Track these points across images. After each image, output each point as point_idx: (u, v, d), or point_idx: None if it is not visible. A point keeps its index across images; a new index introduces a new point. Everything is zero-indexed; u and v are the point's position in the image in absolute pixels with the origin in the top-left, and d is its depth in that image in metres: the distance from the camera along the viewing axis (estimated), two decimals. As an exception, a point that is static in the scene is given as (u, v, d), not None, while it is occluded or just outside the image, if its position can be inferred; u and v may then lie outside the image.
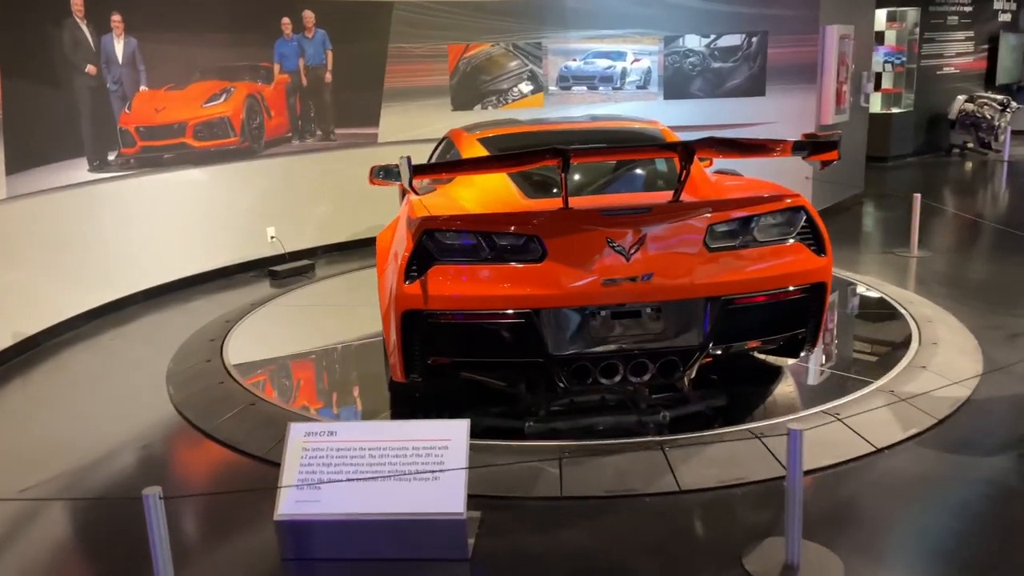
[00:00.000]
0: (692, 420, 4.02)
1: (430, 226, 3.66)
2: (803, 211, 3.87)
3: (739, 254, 3.76)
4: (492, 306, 3.59)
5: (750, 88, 8.92)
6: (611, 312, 3.64)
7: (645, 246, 3.62)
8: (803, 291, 3.85)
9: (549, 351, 3.65)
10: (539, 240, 3.62)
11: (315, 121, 8.13)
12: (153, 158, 6.83)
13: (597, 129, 5.06)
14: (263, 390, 4.63)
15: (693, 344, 3.74)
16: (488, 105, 8.89)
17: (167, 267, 6.96)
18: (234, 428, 4.18)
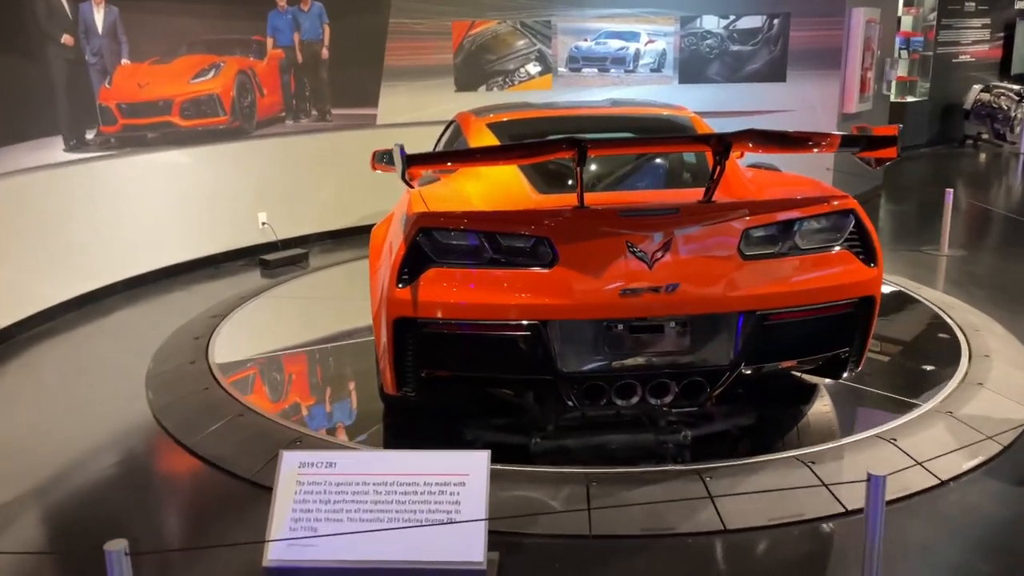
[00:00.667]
0: (717, 441, 3.64)
1: (427, 224, 3.23)
2: (852, 215, 3.42)
3: (778, 263, 3.32)
4: (495, 316, 3.19)
5: (770, 73, 8.47)
6: (630, 326, 3.23)
7: (671, 252, 3.20)
8: (849, 306, 3.41)
9: (558, 368, 3.24)
10: (549, 243, 3.20)
11: (310, 100, 7.64)
12: (135, 137, 6.34)
13: (619, 116, 4.61)
14: (252, 398, 4.19)
15: (722, 363, 3.32)
16: (493, 86, 8.42)
17: (150, 255, 6.50)
18: (219, 443, 3.74)
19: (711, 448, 3.57)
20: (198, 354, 4.80)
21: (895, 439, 3.55)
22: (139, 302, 6.13)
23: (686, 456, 3.50)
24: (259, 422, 3.91)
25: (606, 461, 3.46)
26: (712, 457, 3.46)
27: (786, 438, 3.67)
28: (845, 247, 3.42)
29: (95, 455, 3.78)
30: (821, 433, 3.70)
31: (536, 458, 3.49)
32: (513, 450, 3.53)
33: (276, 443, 3.64)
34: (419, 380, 3.40)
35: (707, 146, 3.26)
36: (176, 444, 3.83)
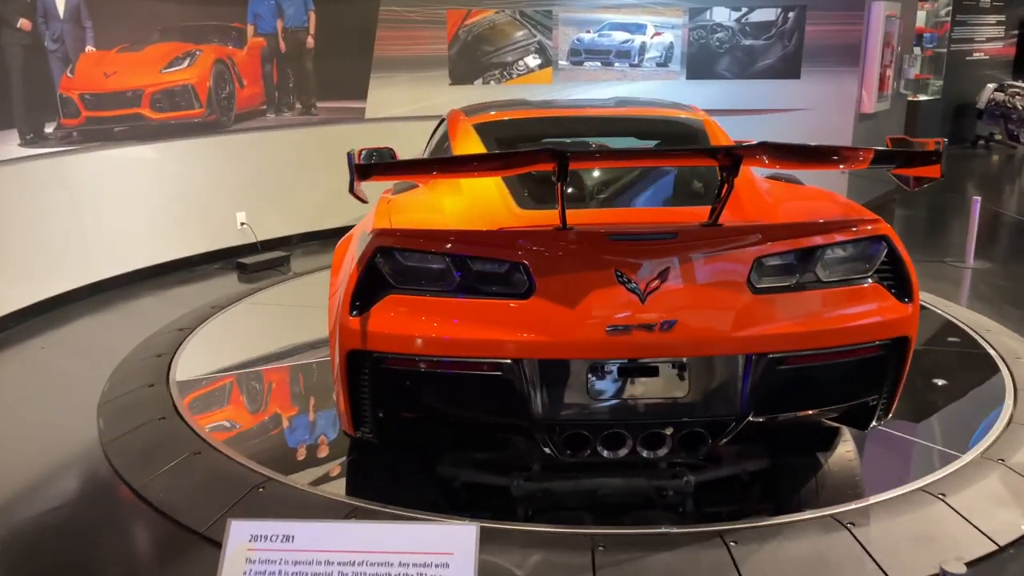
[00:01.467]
0: (728, 490, 3.21)
1: (386, 243, 2.81)
2: (885, 242, 2.93)
3: (795, 298, 2.83)
4: (461, 352, 2.75)
5: (784, 69, 8.00)
6: (619, 368, 2.78)
7: (667, 284, 2.72)
8: (880, 348, 2.91)
9: (533, 413, 2.78)
10: (525, 269, 2.74)
11: (294, 92, 7.16)
12: (101, 131, 5.85)
13: (622, 118, 4.13)
14: (213, 431, 3.72)
15: (727, 413, 2.85)
16: (490, 80, 7.94)
17: (116, 258, 6.02)
18: (171, 487, 3.28)
19: (722, 498, 3.16)
20: (159, 375, 4.33)
21: (944, 494, 3.09)
22: (102, 311, 5.65)
23: (688, 505, 3.09)
24: (219, 462, 3.44)
25: (608, 515, 3.04)
26: (727, 509, 3.07)
27: (811, 490, 3.21)
28: (875, 279, 2.92)
29: (29, 498, 3.31)
30: (851, 485, 3.24)
31: (524, 506, 3.08)
32: (492, 493, 3.12)
33: (236, 489, 3.20)
34: (377, 421, 2.96)
35: (714, 160, 2.77)
36: (124, 485, 3.36)
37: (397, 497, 3.08)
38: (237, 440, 3.66)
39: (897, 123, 9.29)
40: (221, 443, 3.59)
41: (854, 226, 2.90)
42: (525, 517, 3.01)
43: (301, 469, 3.39)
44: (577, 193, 3.45)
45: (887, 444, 3.58)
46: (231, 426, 3.85)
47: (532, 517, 3.01)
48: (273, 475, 3.31)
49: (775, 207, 3.13)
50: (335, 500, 3.12)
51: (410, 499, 3.06)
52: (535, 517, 3.02)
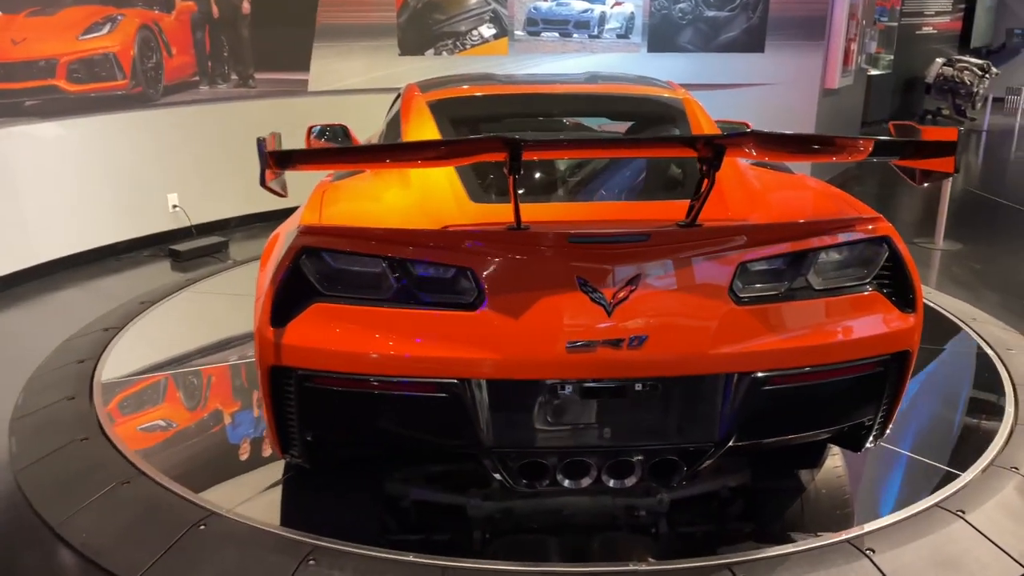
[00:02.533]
0: (702, 505, 2.94)
1: (312, 243, 2.40)
2: (886, 243, 2.55)
3: (785, 309, 2.46)
4: (398, 371, 2.38)
5: (747, 43, 7.72)
6: (582, 388, 2.41)
7: (638, 294, 2.34)
8: (879, 364, 2.55)
9: (483, 440, 2.41)
10: (473, 276, 2.36)
11: (229, 62, 6.57)
12: (9, 105, 5.24)
13: (597, 95, 3.71)
14: (145, 453, 3.26)
15: (705, 440, 2.50)
16: (443, 50, 7.46)
17: (31, 247, 5.43)
18: (95, 525, 2.83)
19: (700, 518, 2.88)
20: (80, 385, 3.82)
21: (962, 511, 2.85)
22: (18, 306, 5.08)
23: (662, 526, 2.80)
24: (152, 493, 2.99)
25: (572, 540, 2.76)
26: (703, 530, 2.81)
27: (807, 510, 2.92)
28: (875, 287, 2.55)
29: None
30: (854, 503, 2.96)
31: (482, 529, 2.78)
32: (446, 512, 2.81)
33: (172, 527, 2.77)
34: (305, 444, 2.56)
35: (693, 149, 2.36)
36: (40, 523, 2.90)
37: (363, 528, 2.73)
38: (174, 464, 3.20)
39: (858, 99, 9.14)
40: (154, 469, 3.13)
41: (852, 225, 2.52)
42: (482, 541, 2.75)
43: (250, 498, 2.97)
44: (537, 184, 3.03)
45: (880, 453, 3.30)
46: (166, 447, 3.39)
47: (489, 541, 2.75)
48: (216, 508, 2.88)
49: (763, 202, 2.73)
50: (290, 539, 2.71)
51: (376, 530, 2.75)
52: (492, 542, 2.75)
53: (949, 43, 14.32)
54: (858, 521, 2.84)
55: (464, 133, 3.26)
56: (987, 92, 13.04)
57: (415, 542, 2.76)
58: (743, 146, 2.32)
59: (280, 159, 2.21)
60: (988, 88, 13.06)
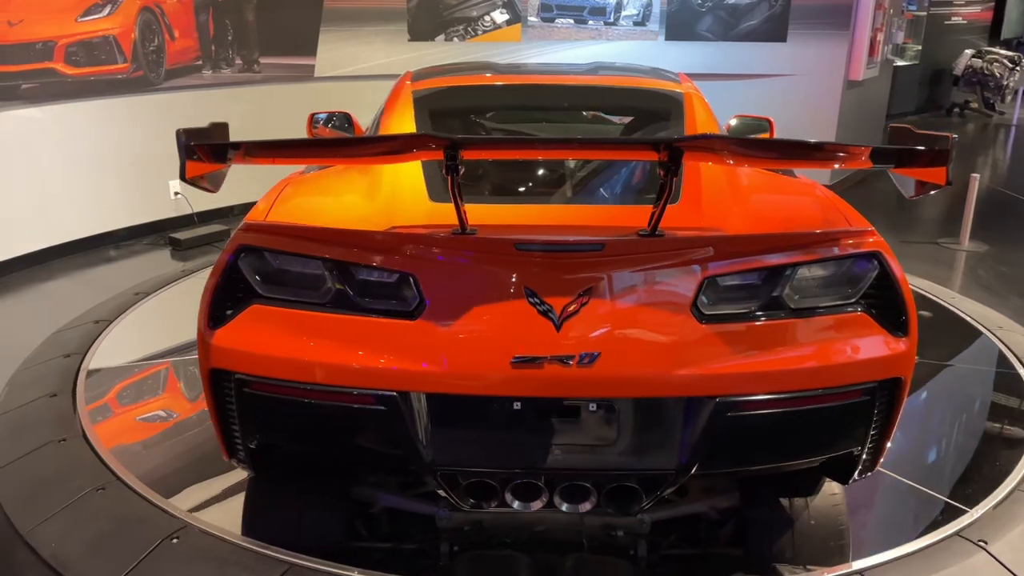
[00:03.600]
0: (686, 528, 2.77)
1: (251, 240, 2.27)
2: (876, 260, 2.29)
3: (755, 329, 2.23)
4: (336, 380, 2.22)
5: (769, 31, 7.46)
6: (533, 407, 2.23)
7: (590, 308, 2.15)
8: (865, 392, 2.29)
9: (424, 457, 2.25)
10: (414, 282, 2.20)
11: (233, 46, 6.42)
12: (5, 88, 5.12)
13: (591, 87, 3.50)
14: (122, 458, 3.13)
15: (664, 467, 2.28)
16: (453, 36, 7.27)
17: (26, 234, 5.32)
18: (65, 534, 2.70)
19: (685, 541, 2.72)
20: (64, 382, 3.70)
21: (984, 541, 2.66)
22: (9, 296, 4.98)
23: (641, 549, 2.62)
24: (126, 501, 2.86)
25: (545, 561, 2.62)
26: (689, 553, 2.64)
27: (804, 537, 2.67)
28: (862, 308, 2.29)
29: None
30: (850, 531, 2.71)
31: (449, 542, 2.65)
32: (415, 521, 2.69)
33: (144, 539, 2.63)
34: (249, 451, 2.43)
35: (653, 152, 2.15)
36: (9, 529, 2.77)
37: (342, 546, 2.61)
38: (152, 468, 3.08)
39: (884, 91, 8.86)
40: (130, 474, 3.00)
41: (837, 239, 2.27)
42: (449, 554, 2.63)
43: (227, 509, 2.83)
44: (499, 185, 2.83)
45: (884, 480, 3.07)
46: (146, 449, 3.26)
47: (456, 554, 2.64)
48: (191, 519, 2.74)
49: (746, 211, 2.49)
50: (266, 555, 2.56)
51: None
52: (459, 555, 2.64)
53: (979, 34, 13.92)
54: (855, 554, 2.63)
55: (446, 125, 3.13)
56: (1017, 85, 12.68)
57: (382, 551, 2.67)
58: (707, 149, 2.15)
59: (192, 152, 2.08)
60: (1018, 81, 12.69)
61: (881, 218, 7.40)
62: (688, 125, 2.98)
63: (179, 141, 2.08)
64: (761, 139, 2.21)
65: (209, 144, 2.11)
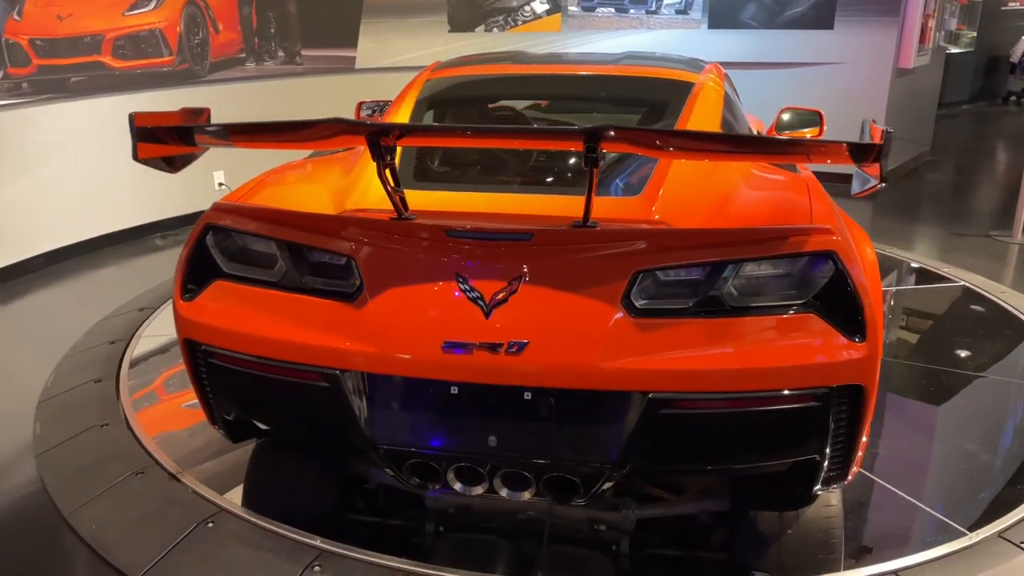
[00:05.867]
0: (672, 528, 2.71)
1: (217, 220, 2.42)
2: (832, 260, 2.14)
3: (692, 325, 2.15)
4: (284, 356, 2.32)
5: (815, 18, 7.29)
6: (466, 392, 2.23)
7: (519, 296, 2.14)
8: (815, 399, 2.17)
9: (366, 435, 2.29)
10: (354, 265, 2.26)
11: (276, 38, 6.49)
12: (56, 81, 5.24)
13: (599, 77, 3.44)
14: (162, 442, 3.20)
15: (597, 461, 2.24)
16: (493, 26, 7.25)
17: (76, 224, 5.46)
18: (105, 517, 2.77)
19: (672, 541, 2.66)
20: (108, 368, 3.80)
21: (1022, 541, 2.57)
22: (59, 284, 5.11)
23: (624, 546, 2.60)
24: (164, 485, 2.93)
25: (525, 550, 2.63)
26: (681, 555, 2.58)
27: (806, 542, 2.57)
28: (814, 310, 2.15)
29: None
30: (842, 543, 2.60)
31: (435, 522, 2.71)
32: (404, 501, 2.79)
33: (180, 524, 2.69)
34: (224, 422, 2.61)
35: (572, 140, 2.17)
36: (53, 510, 2.86)
37: (386, 534, 2.68)
38: (190, 453, 3.14)
39: (935, 79, 8.60)
40: (169, 459, 3.07)
41: (788, 237, 2.13)
42: (434, 534, 2.71)
43: (262, 495, 2.87)
44: (456, 172, 2.86)
45: (889, 498, 2.91)
46: (185, 435, 3.32)
47: (440, 535, 2.71)
48: (227, 505, 2.80)
49: (704, 205, 2.42)
50: (299, 541, 2.60)
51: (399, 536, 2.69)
52: (443, 537, 2.70)
53: (1038, 19, 13.44)
54: (845, 566, 2.54)
55: (445, 113, 3.23)
56: (1079, 73, 12.22)
57: (369, 525, 2.76)
58: (617, 141, 2.06)
59: (145, 135, 2.16)
60: (1080, 68, 12.23)
61: (932, 210, 7.22)
62: (683, 118, 2.89)
63: (130, 125, 2.16)
64: (687, 132, 2.17)
65: (159, 128, 2.19)
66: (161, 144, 2.21)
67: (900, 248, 5.71)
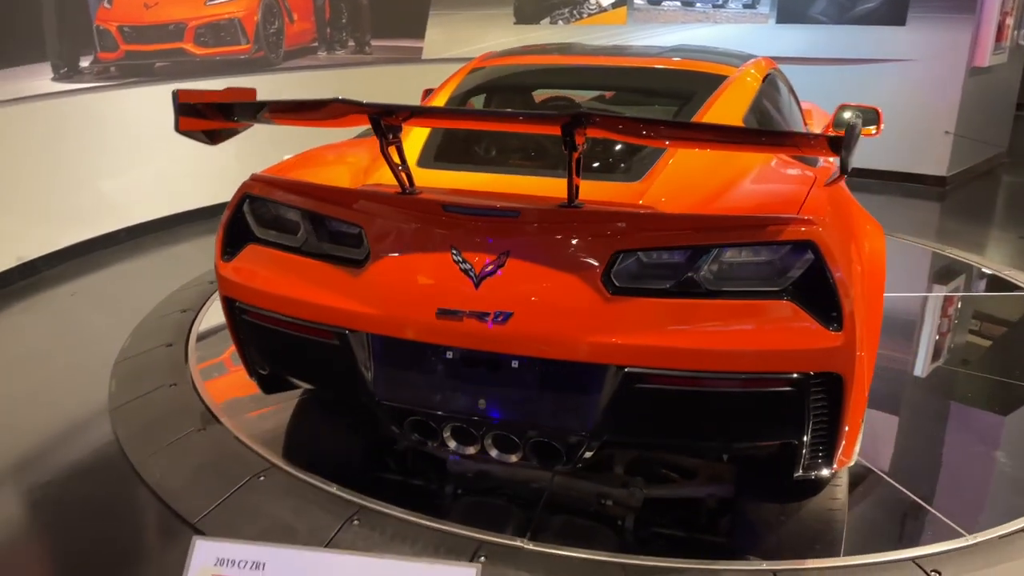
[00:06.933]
0: (679, 509, 2.76)
1: (254, 190, 2.71)
2: (811, 250, 2.17)
3: (668, 305, 2.24)
4: (302, 314, 2.60)
5: (887, 14, 7.16)
6: (461, 356, 2.42)
7: (506, 269, 2.31)
8: (790, 383, 2.23)
9: (372, 391, 2.54)
10: (362, 234, 2.51)
11: (347, 29, 6.73)
12: (141, 66, 5.57)
13: (634, 69, 3.49)
14: (224, 402, 3.43)
15: (576, 429, 2.37)
16: (558, 19, 7.35)
17: (155, 201, 5.80)
18: (170, 467, 3.01)
19: (676, 520, 2.69)
20: (179, 334, 4.07)
21: (937, 572, 2.51)
22: (140, 256, 5.45)
23: (628, 521, 2.68)
24: (222, 441, 3.16)
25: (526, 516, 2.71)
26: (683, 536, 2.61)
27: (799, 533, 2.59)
28: (791, 297, 2.20)
29: (28, 464, 3.10)
30: (842, 535, 2.61)
31: (453, 484, 2.90)
32: (428, 462, 3.00)
33: (234, 476, 2.91)
34: (258, 375, 2.96)
35: (549, 125, 2.27)
36: (123, 461, 3.11)
37: (409, 493, 2.82)
38: (247, 415, 3.36)
39: (1013, 79, 8.33)
40: (229, 418, 3.30)
41: (768, 225, 2.17)
42: (452, 495, 2.86)
43: (309, 455, 3.07)
44: (472, 152, 3.02)
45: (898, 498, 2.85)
46: (244, 398, 3.55)
47: (459, 497, 2.85)
48: (277, 461, 3.00)
49: (699, 191, 2.48)
50: (339, 497, 2.79)
51: (421, 496, 2.83)
52: (460, 499, 2.84)
53: None
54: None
55: (490, 100, 3.44)
56: None
57: (393, 482, 2.91)
58: (594, 128, 2.17)
59: (185, 109, 2.42)
60: None
61: (1006, 214, 7.02)
62: (703, 109, 2.96)
63: (173, 101, 2.44)
64: (657, 120, 2.25)
65: (199, 104, 2.45)
66: (200, 119, 2.49)
67: (969, 252, 5.60)
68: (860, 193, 3.12)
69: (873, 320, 2.43)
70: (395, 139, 2.37)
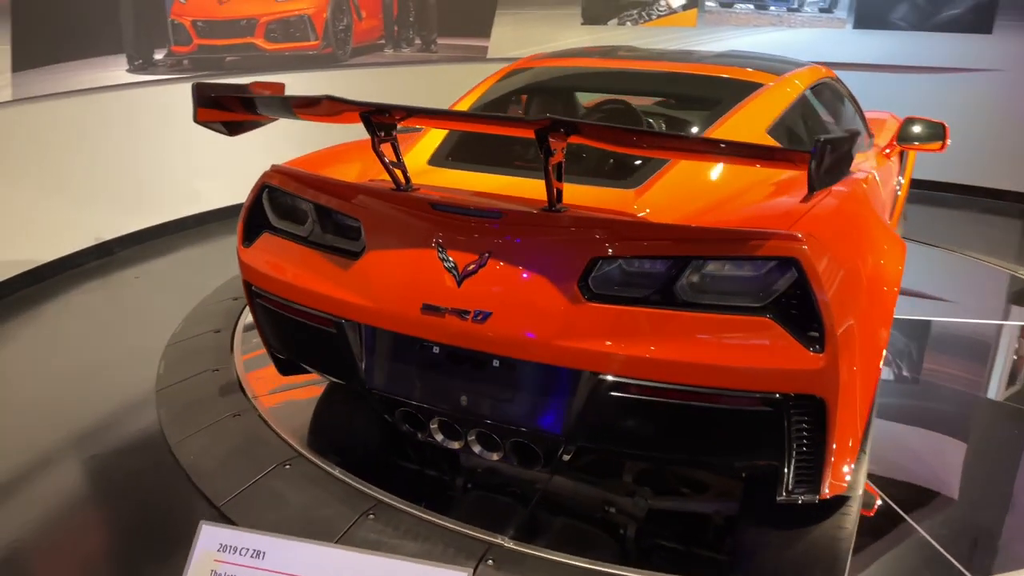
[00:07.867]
0: (682, 523, 2.71)
1: (272, 181, 2.85)
2: (795, 267, 2.08)
3: (642, 314, 2.19)
4: (305, 302, 2.74)
5: (972, 21, 6.85)
6: (444, 351, 2.46)
7: (487, 270, 2.35)
8: (768, 403, 2.16)
9: (363, 379, 2.65)
10: (360, 227, 2.62)
11: (414, 27, 6.82)
12: (212, 60, 5.77)
13: (666, 74, 3.42)
14: (260, 391, 3.54)
15: (548, 431, 2.38)
16: (627, 20, 7.28)
17: (221, 191, 6.00)
18: (203, 449, 3.12)
19: (678, 533, 2.64)
20: (228, 321, 4.21)
21: None
22: (205, 243, 5.66)
23: (630, 530, 2.65)
24: (255, 428, 3.26)
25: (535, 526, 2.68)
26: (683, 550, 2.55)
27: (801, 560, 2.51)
28: (773, 315, 2.11)
29: (76, 439, 3.26)
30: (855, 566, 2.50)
31: (464, 478, 2.96)
32: (443, 456, 3.04)
33: (262, 463, 3.00)
34: (275, 357, 3.11)
35: (524, 128, 2.24)
36: (162, 440, 3.25)
37: (426, 492, 2.85)
38: (282, 404, 3.46)
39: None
40: (264, 406, 3.40)
41: (751, 240, 2.09)
42: (463, 489, 2.92)
43: (335, 447, 3.14)
44: (480, 153, 3.02)
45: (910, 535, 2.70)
46: (282, 388, 3.66)
47: (468, 491, 2.91)
48: (304, 451, 3.08)
49: (694, 201, 2.43)
50: (357, 490, 2.84)
51: (435, 488, 2.91)
52: (469, 494, 2.89)
53: None
54: None
55: (506, 102, 3.46)
56: None
57: (407, 472, 2.99)
58: (571, 135, 2.13)
59: (204, 101, 2.52)
60: None
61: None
62: (726, 117, 2.90)
63: (192, 91, 2.54)
64: (627, 128, 2.18)
65: (217, 96, 2.55)
66: (218, 110, 2.60)
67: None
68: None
69: (873, 342, 2.34)
70: (388, 136, 2.45)
